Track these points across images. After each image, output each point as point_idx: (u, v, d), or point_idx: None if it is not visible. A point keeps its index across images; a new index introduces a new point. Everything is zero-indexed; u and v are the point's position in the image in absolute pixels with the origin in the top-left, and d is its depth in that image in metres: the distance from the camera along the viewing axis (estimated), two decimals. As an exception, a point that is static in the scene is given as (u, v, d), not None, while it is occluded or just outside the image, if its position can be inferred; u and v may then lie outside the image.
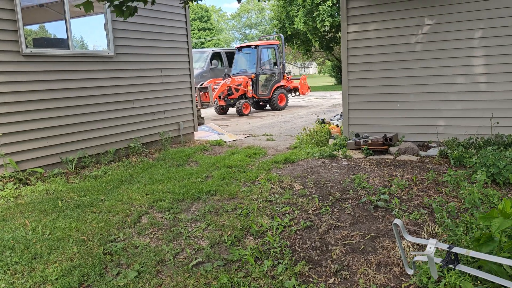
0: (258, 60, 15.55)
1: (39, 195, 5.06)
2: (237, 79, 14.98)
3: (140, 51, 7.49)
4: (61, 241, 3.73)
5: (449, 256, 1.90)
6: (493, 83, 6.11)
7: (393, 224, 2.06)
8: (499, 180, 4.53)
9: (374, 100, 7.06)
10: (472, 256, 1.92)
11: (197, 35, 58.25)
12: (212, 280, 3.09)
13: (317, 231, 3.88)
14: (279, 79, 16.18)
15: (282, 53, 16.81)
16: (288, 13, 29.56)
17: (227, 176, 5.71)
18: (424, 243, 2.00)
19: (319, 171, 5.82)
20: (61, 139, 6.21)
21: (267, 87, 15.73)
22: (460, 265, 1.91)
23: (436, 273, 2.03)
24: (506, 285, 1.70)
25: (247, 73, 15.64)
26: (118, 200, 4.80)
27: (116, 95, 7.06)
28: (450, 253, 1.90)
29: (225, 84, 14.57)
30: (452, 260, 1.91)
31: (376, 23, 6.85)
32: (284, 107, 16.27)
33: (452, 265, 1.91)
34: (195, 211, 4.51)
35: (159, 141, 7.95)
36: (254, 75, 15.40)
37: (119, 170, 6.23)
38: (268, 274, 3.13)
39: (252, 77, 15.34)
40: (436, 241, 1.96)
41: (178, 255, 3.54)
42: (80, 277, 3.15)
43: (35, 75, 5.86)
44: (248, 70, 15.97)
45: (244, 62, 16.54)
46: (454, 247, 1.90)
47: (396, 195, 4.57)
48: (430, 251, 1.94)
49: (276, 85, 15.98)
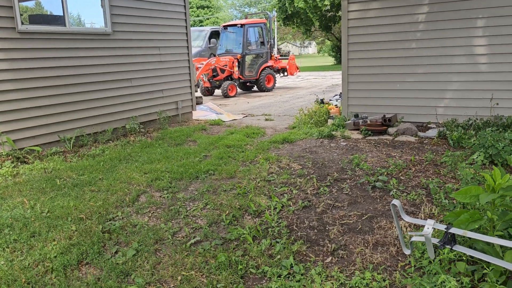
0: (244, 39, 15.09)
1: (37, 174, 5.05)
2: (222, 59, 14.50)
3: (138, 29, 7.38)
4: (59, 220, 3.73)
5: (446, 237, 1.91)
6: (493, 64, 6.07)
7: (391, 205, 2.06)
8: (497, 161, 4.53)
9: (373, 80, 7.01)
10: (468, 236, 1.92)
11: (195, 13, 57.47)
12: (210, 258, 3.11)
13: (315, 211, 3.89)
14: (267, 59, 15.74)
15: (270, 32, 16.37)
16: (288, -9, 29.10)
17: (226, 156, 5.70)
18: (421, 223, 2.00)
19: (317, 151, 5.82)
20: (58, 117, 6.17)
21: (254, 68, 15.30)
22: (457, 246, 1.92)
23: (433, 253, 2.04)
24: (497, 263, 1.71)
25: (233, 53, 15.17)
26: (116, 179, 4.80)
27: (113, 74, 6.99)
28: (448, 234, 1.90)
29: (209, 63, 14.06)
30: (449, 241, 1.92)
31: (377, 2, 6.75)
32: (271, 89, 15.95)
33: (449, 245, 1.92)
34: (193, 190, 4.51)
35: (157, 120, 7.92)
36: (240, 55, 14.95)
37: (117, 149, 6.21)
38: (266, 253, 3.15)
39: (238, 58, 14.87)
40: (434, 221, 1.97)
41: (176, 233, 3.56)
42: (79, 255, 3.16)
43: (31, 52, 5.78)
44: (234, 50, 15.44)
45: (230, 42, 15.98)
46: (451, 228, 1.90)
47: (394, 175, 4.57)
48: (428, 231, 1.94)
49: (264, 66, 15.54)
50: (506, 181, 2.43)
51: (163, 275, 2.94)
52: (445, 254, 2.60)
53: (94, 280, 2.86)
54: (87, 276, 2.94)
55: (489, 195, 2.36)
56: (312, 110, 7.71)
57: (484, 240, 1.79)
